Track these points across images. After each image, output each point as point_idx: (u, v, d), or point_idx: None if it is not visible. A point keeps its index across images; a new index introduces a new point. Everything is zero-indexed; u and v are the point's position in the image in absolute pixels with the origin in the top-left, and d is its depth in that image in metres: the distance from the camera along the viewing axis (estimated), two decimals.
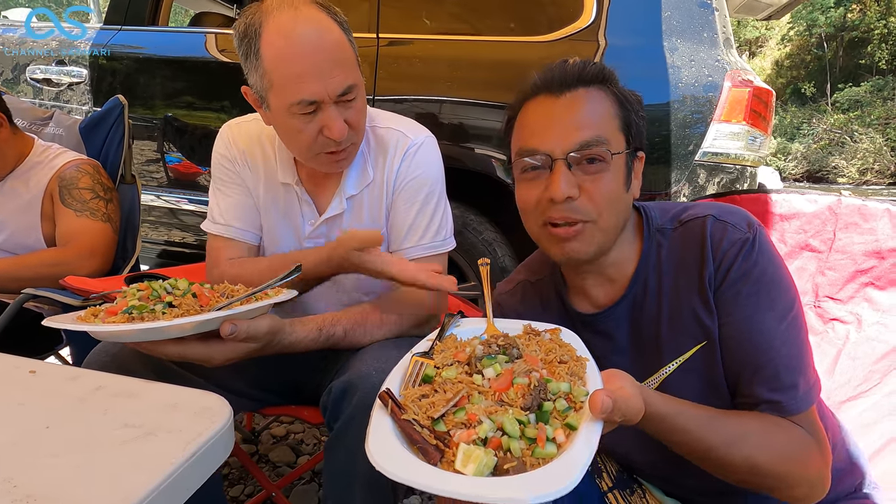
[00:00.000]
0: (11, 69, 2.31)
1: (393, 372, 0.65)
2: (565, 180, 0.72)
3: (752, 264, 0.72)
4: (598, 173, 0.73)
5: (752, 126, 1.68)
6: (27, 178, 1.46)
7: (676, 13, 1.73)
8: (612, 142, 0.74)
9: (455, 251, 2.00)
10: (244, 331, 0.75)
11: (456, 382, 0.59)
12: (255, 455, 1.78)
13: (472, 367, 0.62)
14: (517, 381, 0.57)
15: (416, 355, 0.67)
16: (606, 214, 0.74)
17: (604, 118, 0.74)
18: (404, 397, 0.58)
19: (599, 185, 0.73)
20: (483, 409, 0.54)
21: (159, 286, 0.71)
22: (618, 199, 0.75)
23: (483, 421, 0.52)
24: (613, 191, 0.74)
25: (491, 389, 0.58)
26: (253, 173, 1.11)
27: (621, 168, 0.76)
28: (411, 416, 0.54)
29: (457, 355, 0.65)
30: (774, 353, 0.71)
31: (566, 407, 0.55)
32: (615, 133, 0.75)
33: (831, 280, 1.05)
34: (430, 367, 0.63)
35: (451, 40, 1.96)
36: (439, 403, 0.55)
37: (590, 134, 0.73)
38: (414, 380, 0.61)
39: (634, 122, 0.77)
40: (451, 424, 0.53)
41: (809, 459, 0.69)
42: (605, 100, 0.76)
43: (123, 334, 0.65)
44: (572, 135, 0.73)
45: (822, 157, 13.95)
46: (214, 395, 0.52)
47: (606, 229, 0.75)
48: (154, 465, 0.40)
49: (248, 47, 0.92)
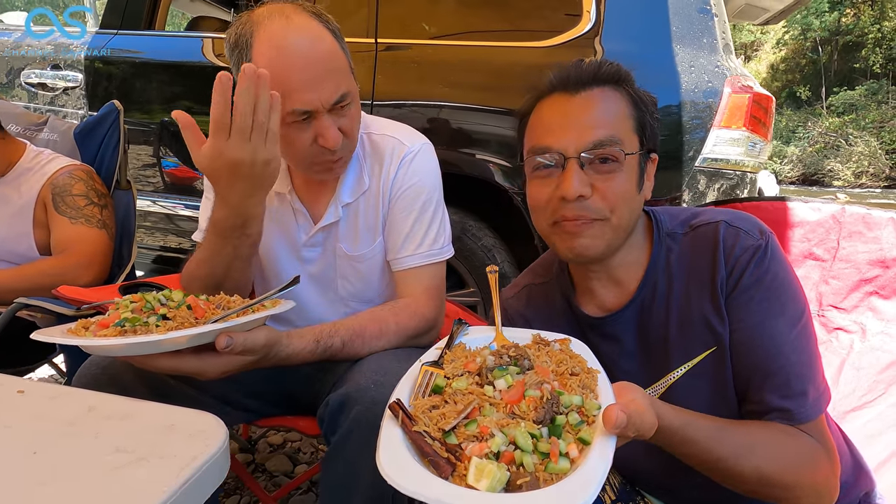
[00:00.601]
0: (6, 73, 2.29)
1: (402, 381, 0.64)
2: (578, 179, 0.72)
3: (765, 271, 0.72)
4: (610, 173, 0.73)
5: (752, 132, 1.68)
6: (18, 184, 1.44)
7: (676, 19, 1.72)
8: (625, 142, 0.74)
9: (454, 257, 1.99)
10: (241, 343, 0.73)
11: (467, 394, 0.58)
12: (252, 464, 1.76)
13: (482, 378, 0.61)
14: (529, 394, 0.56)
15: (425, 364, 0.66)
16: (619, 213, 0.74)
17: (618, 118, 0.74)
18: (414, 408, 0.57)
19: (612, 184, 0.73)
20: (495, 421, 0.53)
21: (153, 298, 0.69)
22: (630, 199, 0.75)
23: (495, 434, 0.51)
24: (626, 191, 0.74)
25: (502, 401, 0.57)
26: None
27: (634, 169, 0.75)
28: (422, 428, 0.53)
29: (467, 365, 0.64)
30: (785, 360, 0.71)
31: (579, 421, 0.54)
32: (629, 133, 0.75)
33: (835, 289, 1.04)
34: (440, 377, 0.61)
35: (449, 45, 1.96)
36: (450, 415, 0.55)
37: (604, 133, 0.72)
38: (424, 390, 0.60)
39: (649, 124, 0.77)
40: (463, 437, 0.52)
41: (818, 468, 0.68)
42: (620, 100, 0.75)
43: (115, 348, 0.63)
44: (586, 134, 0.72)
45: (818, 160, 14.03)
46: (210, 415, 0.50)
47: (617, 228, 0.75)
48: (147, 494, 0.38)
49: (239, 57, 0.90)
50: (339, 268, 1.10)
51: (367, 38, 1.94)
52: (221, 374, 0.76)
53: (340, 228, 1.07)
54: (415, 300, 1.03)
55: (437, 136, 1.83)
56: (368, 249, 1.07)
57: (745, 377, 0.73)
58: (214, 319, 0.71)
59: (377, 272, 1.11)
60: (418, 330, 1.00)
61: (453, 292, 2.04)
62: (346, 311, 1.12)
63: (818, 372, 0.72)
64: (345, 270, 1.10)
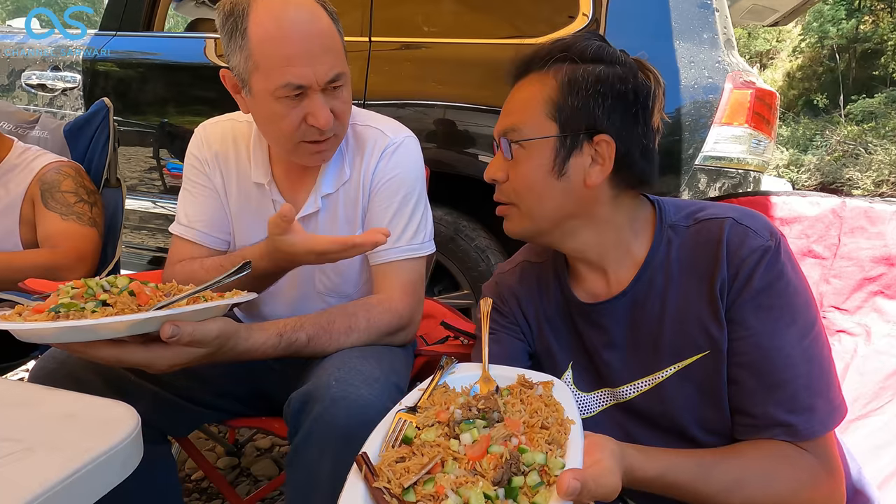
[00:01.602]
0: (7, 75, 2.31)
1: (377, 428, 0.64)
2: (494, 163, 0.78)
3: (776, 276, 0.67)
4: (516, 160, 0.75)
5: (754, 129, 1.61)
6: (6, 181, 1.43)
7: (676, 14, 1.67)
8: (526, 129, 0.73)
9: (447, 258, 1.96)
10: (188, 333, 0.69)
11: (433, 446, 0.58)
12: (237, 468, 1.72)
13: (451, 430, 0.61)
14: (492, 450, 0.56)
15: (400, 411, 0.66)
16: (526, 201, 0.75)
17: (527, 105, 0.74)
18: (382, 459, 0.57)
19: (516, 171, 0.75)
20: (453, 479, 0.52)
21: (95, 283, 0.66)
22: (538, 185, 0.73)
23: (449, 496, 0.50)
24: (530, 178, 0.74)
25: (465, 457, 0.56)
26: (225, 175, 1.07)
27: (545, 154, 0.72)
28: (383, 484, 0.53)
29: (439, 415, 0.63)
30: (794, 372, 0.65)
31: (538, 482, 0.52)
32: (540, 119, 0.72)
33: (837, 289, 0.97)
34: (411, 427, 0.62)
35: (444, 43, 1.93)
36: (414, 469, 0.54)
37: (509, 121, 0.75)
38: (395, 439, 0.60)
39: (571, 105, 0.71)
40: (420, 495, 0.52)
41: (816, 490, 0.64)
42: (543, 85, 0.73)
43: (44, 333, 0.59)
44: (502, 120, 0.77)
45: (836, 168, 13.72)
46: (122, 405, 0.46)
47: (529, 214, 0.76)
48: (19, 487, 0.34)
49: (233, 26, 0.88)
50: None
51: (361, 37, 1.92)
52: (170, 366, 0.72)
53: (320, 220, 1.04)
54: (389, 296, 0.98)
55: (431, 135, 1.80)
56: None
57: (748, 388, 0.68)
58: (159, 306, 0.67)
59: (355, 267, 1.07)
60: (391, 327, 0.96)
61: (446, 295, 1.99)
62: (323, 306, 1.09)
63: (831, 385, 0.67)
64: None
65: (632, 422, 0.78)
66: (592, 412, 0.82)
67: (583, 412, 0.82)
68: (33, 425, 0.42)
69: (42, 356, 0.85)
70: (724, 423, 0.71)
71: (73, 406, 0.45)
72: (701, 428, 0.73)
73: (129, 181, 2.27)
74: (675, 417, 0.74)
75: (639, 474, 0.59)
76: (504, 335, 0.88)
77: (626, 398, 0.78)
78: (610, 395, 0.81)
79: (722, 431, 0.72)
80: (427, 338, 1.36)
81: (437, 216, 1.81)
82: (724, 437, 0.71)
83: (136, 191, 2.29)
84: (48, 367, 0.84)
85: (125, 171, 2.26)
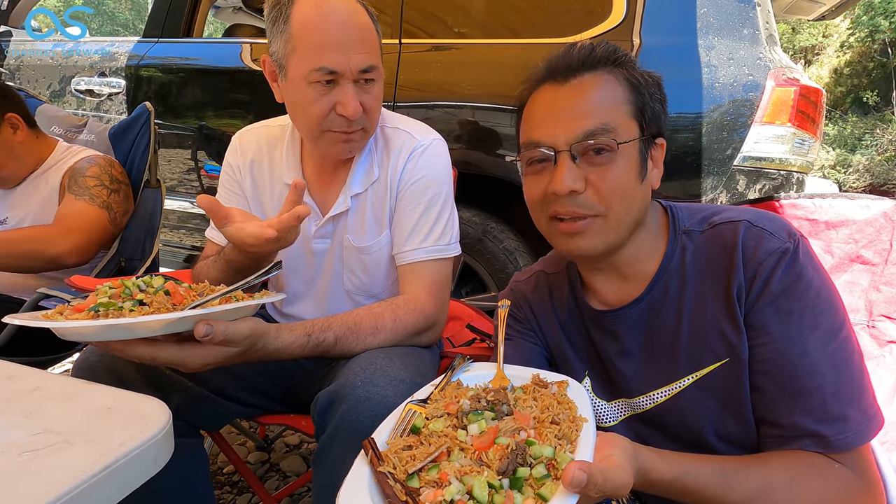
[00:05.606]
0: (59, 81, 2.44)
1: (388, 418, 0.64)
2: (569, 173, 0.68)
3: (795, 278, 0.63)
4: (605, 164, 0.68)
5: (798, 128, 1.54)
6: (48, 175, 1.52)
7: (714, 10, 1.61)
8: (620, 129, 0.68)
9: (475, 260, 1.95)
10: (221, 332, 0.71)
11: (441, 436, 0.58)
12: (267, 463, 1.76)
13: (459, 421, 0.61)
14: (499, 441, 0.55)
15: (411, 403, 0.66)
16: (616, 208, 0.69)
17: (612, 104, 0.68)
18: (389, 447, 0.57)
19: (606, 176, 0.68)
20: (458, 468, 0.52)
21: (132, 283, 0.68)
22: (628, 191, 0.69)
23: (452, 483, 0.50)
24: (622, 182, 0.68)
25: (472, 447, 0.56)
26: (258, 180, 1.11)
27: (633, 157, 0.69)
28: (388, 469, 0.53)
29: (448, 407, 0.63)
30: (821, 378, 0.62)
31: (544, 474, 0.51)
32: (625, 120, 0.69)
33: (888, 297, 0.92)
34: (420, 416, 0.62)
35: (475, 44, 1.92)
36: (420, 456, 0.55)
37: (595, 122, 0.67)
38: (404, 429, 0.61)
39: (649, 107, 0.70)
40: (424, 481, 0.52)
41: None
42: (615, 84, 0.69)
43: (85, 331, 0.62)
44: (576, 124, 0.68)
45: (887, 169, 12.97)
46: (155, 401, 0.47)
47: (617, 224, 0.69)
48: (52, 482, 0.36)
49: (278, 12, 0.93)
50: (346, 260, 1.08)
51: (392, 39, 1.93)
52: (203, 365, 0.74)
53: (349, 219, 1.06)
54: (415, 296, 0.99)
55: (460, 137, 1.79)
56: (374, 241, 1.06)
57: (772, 397, 0.64)
58: (193, 305, 0.69)
59: (383, 266, 1.08)
60: (417, 327, 0.96)
61: (474, 296, 1.98)
62: (351, 305, 1.10)
63: (864, 393, 0.63)
64: (351, 263, 1.08)
65: (650, 434, 0.76)
66: (614, 421, 0.80)
67: (604, 421, 0.81)
68: (73, 418, 0.44)
69: (84, 351, 0.89)
70: (746, 435, 0.68)
71: (110, 400, 0.46)
72: (722, 440, 0.70)
73: (168, 182, 2.35)
74: (695, 429, 0.71)
75: (654, 476, 0.56)
76: (521, 340, 0.87)
77: (642, 409, 0.76)
78: (626, 405, 0.79)
79: (745, 444, 0.69)
80: (454, 340, 1.35)
81: (465, 217, 1.81)
82: (747, 450, 0.68)
83: (175, 191, 2.37)
84: (90, 360, 0.87)
85: (165, 173, 2.34)
